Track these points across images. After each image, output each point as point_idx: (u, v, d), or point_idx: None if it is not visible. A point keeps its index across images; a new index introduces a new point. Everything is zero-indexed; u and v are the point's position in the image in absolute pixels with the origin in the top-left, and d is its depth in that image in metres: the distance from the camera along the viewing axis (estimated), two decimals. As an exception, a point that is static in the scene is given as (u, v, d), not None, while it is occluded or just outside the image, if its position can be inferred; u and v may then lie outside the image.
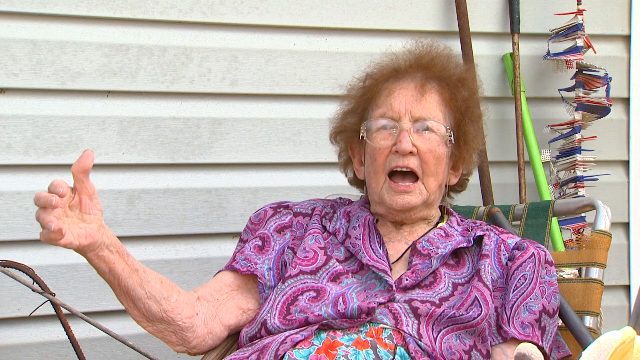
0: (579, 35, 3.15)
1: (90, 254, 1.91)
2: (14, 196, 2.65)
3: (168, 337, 2.15)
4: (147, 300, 2.06)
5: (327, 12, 2.97)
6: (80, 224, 1.84)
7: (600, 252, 2.36)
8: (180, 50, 2.81)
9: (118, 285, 2.02)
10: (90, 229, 1.84)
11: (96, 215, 1.85)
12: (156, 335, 2.14)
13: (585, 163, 3.19)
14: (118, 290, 2.04)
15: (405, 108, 2.21)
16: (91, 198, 1.83)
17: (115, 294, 2.07)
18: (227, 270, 2.26)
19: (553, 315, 2.18)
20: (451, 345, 2.07)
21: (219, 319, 2.20)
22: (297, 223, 2.31)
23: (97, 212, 1.85)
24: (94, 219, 1.85)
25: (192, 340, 2.16)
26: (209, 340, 2.19)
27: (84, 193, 1.83)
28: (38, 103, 2.67)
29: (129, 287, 2.02)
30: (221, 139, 2.86)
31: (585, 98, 3.18)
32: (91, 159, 1.79)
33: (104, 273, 1.98)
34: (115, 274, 1.98)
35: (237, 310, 2.23)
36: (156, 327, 2.12)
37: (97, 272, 2.00)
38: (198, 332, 2.16)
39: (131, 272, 2.01)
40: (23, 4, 2.64)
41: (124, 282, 2.01)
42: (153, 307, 2.07)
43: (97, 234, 1.85)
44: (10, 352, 2.67)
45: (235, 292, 2.24)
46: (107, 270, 1.97)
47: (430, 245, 2.21)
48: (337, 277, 2.17)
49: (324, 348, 2.02)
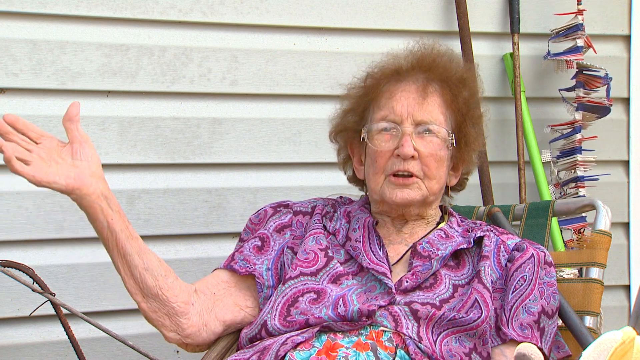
0: (579, 35, 3.15)
1: (85, 201, 1.95)
2: (14, 196, 2.65)
3: (162, 320, 2.13)
4: (143, 271, 2.06)
5: (327, 12, 2.97)
6: (72, 168, 1.92)
7: (600, 252, 2.36)
8: (180, 50, 2.81)
9: (116, 245, 2.03)
10: (78, 172, 1.92)
11: (88, 162, 1.94)
12: (150, 316, 2.12)
13: (585, 163, 3.19)
14: (115, 252, 2.04)
15: (407, 111, 2.21)
16: (82, 145, 1.93)
17: (112, 257, 2.06)
18: (224, 269, 2.25)
19: (552, 316, 2.18)
20: (451, 347, 2.06)
21: (215, 313, 2.19)
22: (297, 222, 2.31)
23: (89, 160, 1.94)
24: (84, 165, 1.93)
25: (186, 328, 2.15)
26: (203, 333, 2.18)
27: (74, 141, 1.94)
28: (38, 103, 2.67)
29: (126, 250, 2.04)
30: (221, 139, 2.86)
31: (585, 98, 3.18)
32: (76, 109, 1.93)
33: (103, 228, 2.00)
34: (113, 230, 2.00)
35: (234, 307, 2.23)
36: (150, 304, 2.11)
37: (95, 228, 2.01)
38: (193, 321, 2.15)
39: (130, 237, 2.03)
40: (23, 4, 2.64)
41: (122, 244, 2.02)
42: (149, 280, 2.07)
43: (86, 178, 1.92)
44: (10, 352, 2.67)
45: (233, 288, 2.24)
46: (105, 225, 1.99)
47: (431, 247, 2.20)
48: (338, 278, 2.17)
49: (325, 350, 2.02)
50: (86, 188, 1.94)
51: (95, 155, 1.96)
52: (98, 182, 1.96)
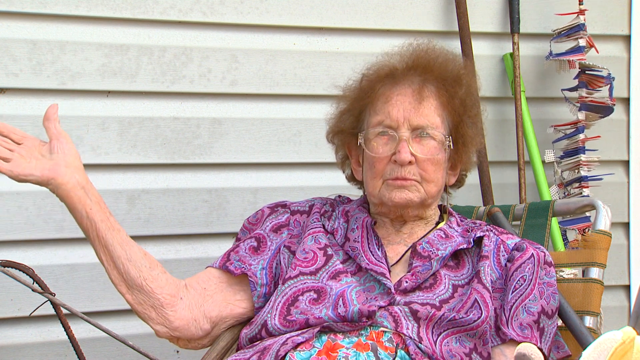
0: (581, 35, 3.15)
1: (61, 190, 2.03)
2: (14, 196, 2.65)
3: (148, 313, 2.14)
4: (126, 262, 2.10)
5: (327, 12, 2.97)
6: (48, 161, 2.03)
7: (600, 252, 2.36)
8: (180, 50, 2.81)
9: (97, 236, 2.07)
10: (53, 164, 2.03)
11: (64, 154, 2.04)
12: (137, 309, 2.14)
13: (589, 163, 3.18)
14: (97, 243, 2.08)
15: (403, 116, 2.20)
16: (59, 141, 2.05)
17: (95, 248, 2.10)
18: (219, 269, 2.25)
19: (552, 316, 2.18)
20: (451, 348, 2.06)
21: (204, 309, 2.20)
22: (295, 221, 2.31)
23: (65, 152, 2.04)
24: (60, 157, 2.04)
25: (173, 320, 2.15)
26: (192, 327, 2.18)
27: (52, 138, 2.05)
28: (38, 103, 2.67)
29: (107, 241, 2.08)
30: (221, 139, 2.86)
31: (588, 98, 3.18)
32: (54, 109, 2.06)
33: (82, 218, 2.06)
34: (92, 220, 2.06)
35: (223, 302, 2.23)
36: (135, 296, 2.13)
37: (75, 218, 2.07)
38: (181, 314, 2.16)
39: (112, 228, 2.08)
40: (23, 4, 2.64)
41: (102, 234, 2.07)
42: (132, 272, 2.10)
43: (61, 169, 2.02)
44: (10, 352, 2.67)
45: (224, 284, 2.24)
46: (84, 214, 2.06)
47: (430, 247, 2.20)
48: (337, 275, 2.17)
49: (325, 350, 2.02)
50: (60, 178, 2.03)
51: (73, 149, 2.06)
52: (74, 173, 2.04)
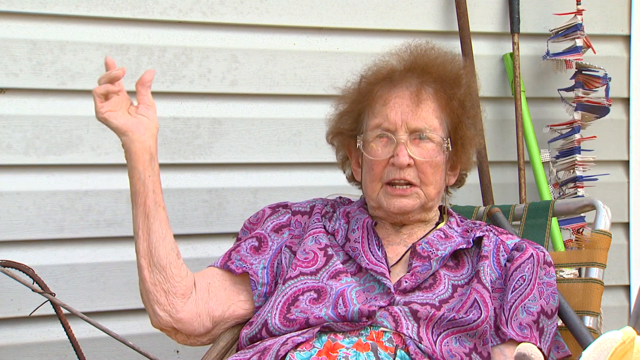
0: (579, 36, 3.15)
1: (133, 145, 2.08)
2: (14, 196, 2.65)
3: (157, 296, 2.12)
4: (160, 240, 2.10)
5: (327, 12, 2.97)
6: (132, 118, 2.09)
7: (600, 252, 2.36)
8: (180, 50, 2.81)
9: (144, 203, 2.09)
10: (136, 122, 2.09)
11: (148, 119, 2.10)
12: (148, 287, 2.12)
13: (584, 163, 3.19)
14: (140, 210, 2.09)
15: (401, 119, 2.20)
16: (147, 108, 2.11)
17: (135, 214, 2.11)
18: (220, 268, 2.25)
19: (551, 316, 2.18)
20: (451, 347, 2.06)
21: (209, 306, 2.20)
22: (296, 222, 2.31)
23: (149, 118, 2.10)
24: (144, 119, 2.10)
25: (180, 310, 2.15)
26: (195, 323, 2.18)
27: (142, 102, 2.11)
28: (38, 103, 2.67)
29: (150, 212, 2.10)
30: (221, 139, 2.86)
31: (584, 98, 3.18)
32: (151, 75, 2.12)
33: (138, 180, 2.09)
34: (146, 186, 2.09)
35: (226, 301, 2.22)
36: (154, 275, 2.11)
37: (131, 179, 2.09)
38: (189, 307, 2.16)
39: (159, 203, 2.11)
40: (23, 4, 2.64)
41: (150, 204, 2.09)
42: (161, 251, 2.10)
43: (141, 128, 2.08)
44: (10, 352, 2.67)
45: (227, 282, 2.24)
46: (142, 177, 2.09)
47: (430, 247, 2.20)
48: (337, 274, 2.17)
49: (325, 350, 2.02)
50: (137, 135, 2.07)
51: (156, 120, 2.12)
52: (149, 138, 2.09)
